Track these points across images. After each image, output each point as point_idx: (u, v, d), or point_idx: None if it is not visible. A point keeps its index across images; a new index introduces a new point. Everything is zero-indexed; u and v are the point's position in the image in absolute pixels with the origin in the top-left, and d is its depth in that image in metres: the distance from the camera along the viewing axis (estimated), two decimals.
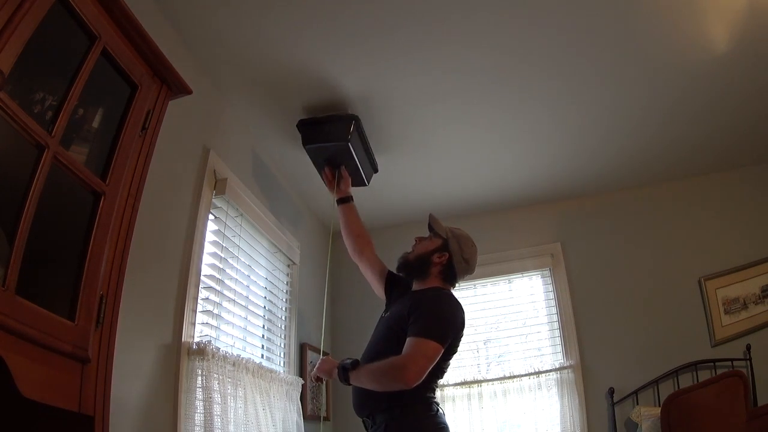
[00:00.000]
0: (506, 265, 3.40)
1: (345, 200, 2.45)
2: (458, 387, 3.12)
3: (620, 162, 3.10)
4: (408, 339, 1.71)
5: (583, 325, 3.17)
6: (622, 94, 2.49)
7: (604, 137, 2.84)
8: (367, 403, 1.80)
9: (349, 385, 1.82)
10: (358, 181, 2.60)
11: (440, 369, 1.81)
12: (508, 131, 2.74)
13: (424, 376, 1.66)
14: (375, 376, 1.73)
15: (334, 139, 2.34)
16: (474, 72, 2.28)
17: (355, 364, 1.80)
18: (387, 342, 1.83)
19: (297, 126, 2.44)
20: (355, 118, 2.38)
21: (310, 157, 2.50)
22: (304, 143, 2.43)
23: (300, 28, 2.00)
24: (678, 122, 2.75)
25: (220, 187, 2.14)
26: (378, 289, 2.25)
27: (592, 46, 2.17)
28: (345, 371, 1.80)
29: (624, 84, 2.42)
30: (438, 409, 1.78)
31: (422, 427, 1.71)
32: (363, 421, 1.84)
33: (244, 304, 2.31)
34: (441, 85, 2.35)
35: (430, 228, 2.09)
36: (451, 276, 1.99)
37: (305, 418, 2.61)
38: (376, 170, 2.75)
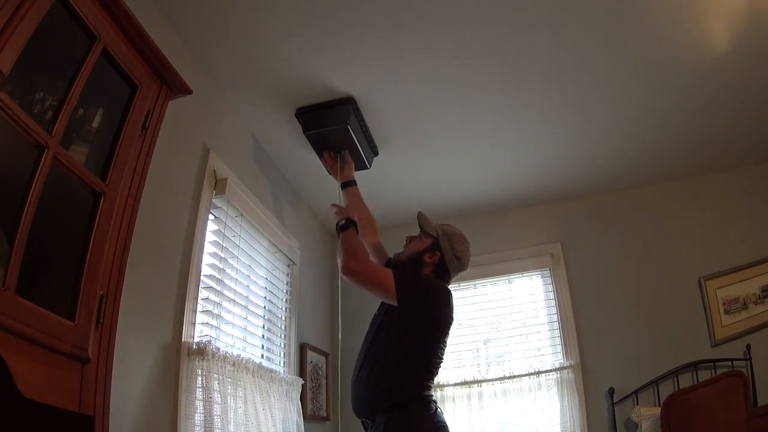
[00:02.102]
0: (506, 265, 3.40)
1: (348, 184, 2.46)
2: (458, 387, 3.12)
3: (620, 162, 3.10)
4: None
5: (583, 325, 3.17)
6: (620, 94, 2.49)
7: (604, 138, 2.85)
8: (366, 403, 1.80)
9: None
10: (360, 165, 2.61)
11: (434, 364, 1.81)
12: (507, 131, 2.74)
13: (351, 275, 1.82)
14: (342, 247, 1.93)
15: (333, 123, 2.36)
16: (473, 75, 2.29)
17: (346, 227, 2.01)
18: (382, 337, 1.84)
19: (295, 115, 2.44)
20: (353, 101, 2.38)
21: (311, 144, 2.51)
22: (304, 130, 2.44)
23: (300, 28, 2.00)
24: (677, 122, 2.75)
25: (220, 187, 2.14)
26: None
27: (590, 46, 2.17)
28: (342, 227, 2.02)
29: (622, 84, 2.42)
30: (436, 408, 1.78)
31: (422, 427, 1.71)
32: (362, 422, 1.84)
33: (244, 304, 2.31)
34: (440, 88, 2.35)
35: (421, 227, 2.07)
36: (444, 274, 1.99)
37: (305, 418, 2.61)
38: (376, 153, 2.76)
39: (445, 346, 1.88)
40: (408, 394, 1.71)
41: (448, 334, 1.88)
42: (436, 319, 1.83)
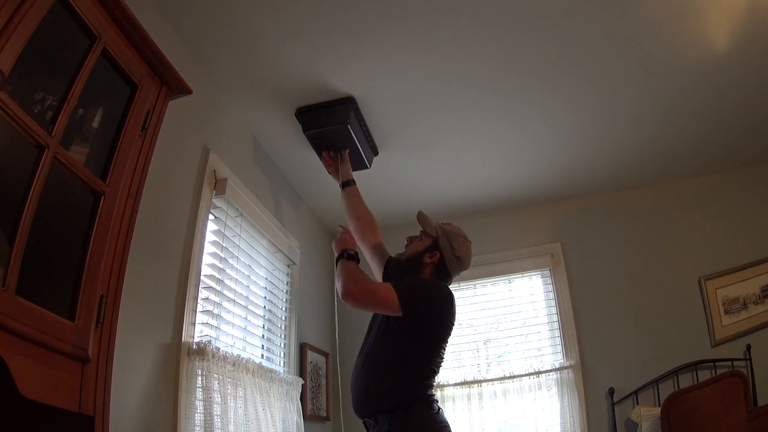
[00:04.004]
0: (506, 265, 3.40)
1: (347, 184, 2.44)
2: (458, 387, 3.12)
3: (619, 162, 3.10)
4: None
5: (583, 325, 3.17)
6: (620, 94, 2.49)
7: (604, 138, 2.84)
8: (368, 403, 1.79)
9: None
10: (360, 164, 2.60)
11: (436, 364, 1.81)
12: (508, 131, 2.74)
13: (352, 300, 1.82)
14: (340, 273, 1.91)
15: (333, 123, 2.36)
16: (473, 75, 2.29)
17: (351, 258, 1.96)
18: (383, 337, 1.84)
19: (295, 114, 2.44)
20: (352, 101, 2.38)
21: (311, 144, 2.51)
22: (304, 130, 2.44)
23: (301, 28, 2.00)
24: (677, 122, 2.75)
25: (220, 187, 2.14)
26: (377, 275, 2.21)
27: (589, 47, 2.17)
28: (340, 258, 1.98)
29: (622, 84, 2.42)
30: (439, 408, 1.77)
31: (425, 426, 1.70)
32: (364, 422, 1.83)
33: (244, 304, 2.31)
34: (440, 87, 2.36)
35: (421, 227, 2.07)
36: (444, 274, 1.98)
37: (305, 418, 2.61)
38: (376, 153, 2.76)
39: (447, 346, 1.89)
40: (410, 394, 1.71)
41: (450, 335, 1.88)
42: (439, 323, 1.83)
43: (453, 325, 1.89)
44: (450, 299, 1.88)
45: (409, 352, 1.78)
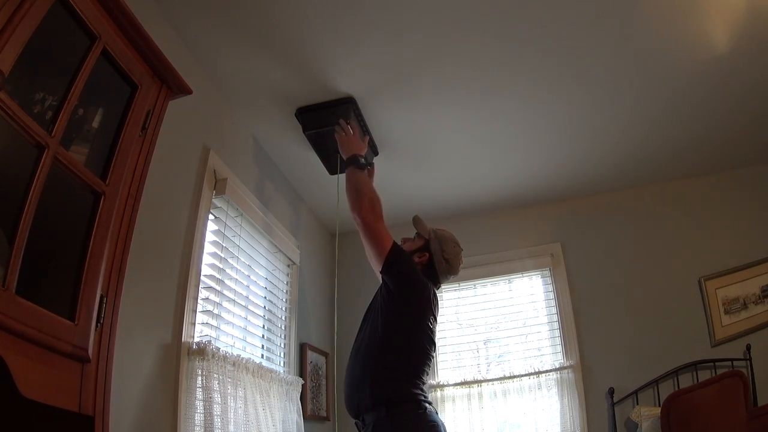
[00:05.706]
0: (506, 265, 3.40)
1: (363, 166, 2.40)
2: (458, 387, 3.12)
3: (619, 162, 3.10)
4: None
5: (583, 325, 3.17)
6: (619, 94, 2.49)
7: (603, 138, 2.84)
8: (353, 402, 1.79)
9: (343, 172, 2.15)
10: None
11: (420, 360, 1.81)
12: (507, 131, 2.74)
13: (362, 222, 1.94)
14: (355, 188, 2.03)
15: (333, 123, 2.35)
16: (473, 76, 2.29)
17: (362, 168, 2.10)
18: (366, 333, 1.87)
19: (295, 115, 2.45)
20: (352, 101, 2.38)
21: (311, 144, 2.51)
22: (304, 130, 2.44)
23: (301, 29, 2.00)
24: (676, 122, 2.75)
25: (220, 187, 2.14)
26: (376, 267, 2.15)
27: (588, 47, 2.17)
28: (350, 163, 2.11)
29: (621, 84, 2.42)
30: (428, 407, 1.73)
31: (410, 426, 1.68)
32: (356, 423, 1.83)
33: (244, 304, 2.31)
34: (440, 88, 2.36)
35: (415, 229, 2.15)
36: (433, 275, 2.03)
37: (305, 418, 2.61)
38: (376, 153, 2.76)
39: (434, 345, 1.89)
40: (395, 393, 1.70)
41: (432, 328, 1.89)
42: (416, 298, 1.86)
43: (434, 316, 1.92)
44: (429, 289, 1.93)
45: (394, 343, 1.78)
